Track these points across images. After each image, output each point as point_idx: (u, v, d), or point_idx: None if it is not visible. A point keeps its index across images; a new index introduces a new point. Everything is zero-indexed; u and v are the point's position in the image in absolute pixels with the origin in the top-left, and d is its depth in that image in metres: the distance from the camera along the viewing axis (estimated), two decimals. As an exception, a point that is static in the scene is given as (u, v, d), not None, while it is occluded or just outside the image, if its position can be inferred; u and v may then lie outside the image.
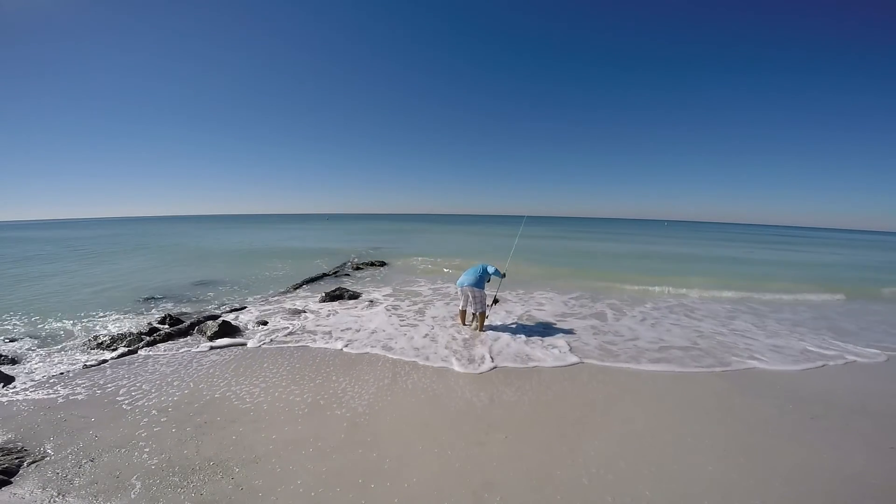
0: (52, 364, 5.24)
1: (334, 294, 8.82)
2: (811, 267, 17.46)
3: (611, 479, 2.96)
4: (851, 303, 9.69)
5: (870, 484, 2.98)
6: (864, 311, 8.89)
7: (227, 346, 5.81)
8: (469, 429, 3.64)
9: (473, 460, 3.17)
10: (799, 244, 34.07)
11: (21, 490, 2.80)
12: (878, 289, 11.43)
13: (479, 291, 6.40)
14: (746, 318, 8.01)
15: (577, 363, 5.30)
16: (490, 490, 2.82)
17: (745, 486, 2.91)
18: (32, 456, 3.16)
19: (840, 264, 19.11)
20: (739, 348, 6.05)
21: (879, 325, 7.70)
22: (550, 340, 6.19)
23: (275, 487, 2.83)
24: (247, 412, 3.90)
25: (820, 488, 2.91)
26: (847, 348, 6.20)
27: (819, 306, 9.25)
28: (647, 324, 7.35)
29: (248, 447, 3.30)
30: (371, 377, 4.77)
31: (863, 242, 42.66)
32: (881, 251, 28.79)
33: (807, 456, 3.32)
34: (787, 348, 6.14)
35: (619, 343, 6.19)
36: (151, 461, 3.11)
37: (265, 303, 8.67)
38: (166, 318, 6.66)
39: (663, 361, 5.46)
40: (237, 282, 11.07)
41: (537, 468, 3.08)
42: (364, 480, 2.91)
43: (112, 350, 5.66)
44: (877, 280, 13.36)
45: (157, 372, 4.90)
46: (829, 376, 5.13)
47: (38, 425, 3.64)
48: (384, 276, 11.89)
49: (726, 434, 3.63)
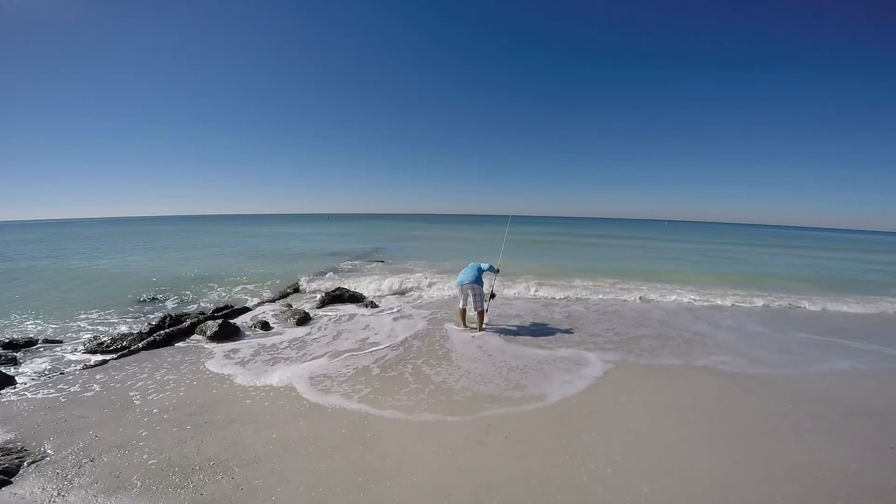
0: (53, 364, 5.24)
1: (335, 294, 8.82)
2: (814, 267, 17.45)
3: (610, 479, 2.96)
4: (852, 303, 9.68)
5: (870, 483, 2.98)
6: (863, 311, 8.89)
7: (226, 346, 5.82)
8: (469, 429, 3.64)
9: (473, 460, 3.17)
10: (807, 245, 34.05)
11: (21, 490, 2.80)
12: (886, 288, 11.44)
13: (479, 288, 6.56)
14: (747, 318, 8.01)
15: (577, 362, 5.30)
16: (490, 490, 2.82)
17: (744, 486, 2.91)
18: (32, 456, 3.16)
19: (842, 265, 19.10)
20: (738, 345, 6.06)
21: (879, 326, 7.70)
22: (550, 339, 6.20)
23: (275, 487, 2.83)
24: (247, 412, 3.90)
25: (820, 488, 2.91)
26: (846, 346, 6.21)
27: (820, 306, 9.25)
28: (647, 324, 7.35)
29: (248, 447, 3.30)
30: (371, 377, 4.78)
31: (862, 243, 42.62)
32: (885, 253, 28.72)
33: (807, 456, 3.31)
34: (786, 347, 6.15)
35: (619, 342, 6.20)
36: (151, 461, 3.11)
37: (266, 303, 8.67)
38: (166, 318, 6.66)
39: (662, 360, 5.46)
40: (238, 282, 11.07)
41: (537, 468, 3.08)
42: (364, 480, 2.91)
43: (112, 350, 5.66)
44: (882, 282, 13.36)
45: (158, 372, 4.90)
46: (829, 376, 5.12)
47: (38, 425, 3.64)
48: (384, 276, 11.88)
49: (726, 434, 3.63)
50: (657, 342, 6.28)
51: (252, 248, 21.79)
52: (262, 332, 6.55)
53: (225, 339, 6.11)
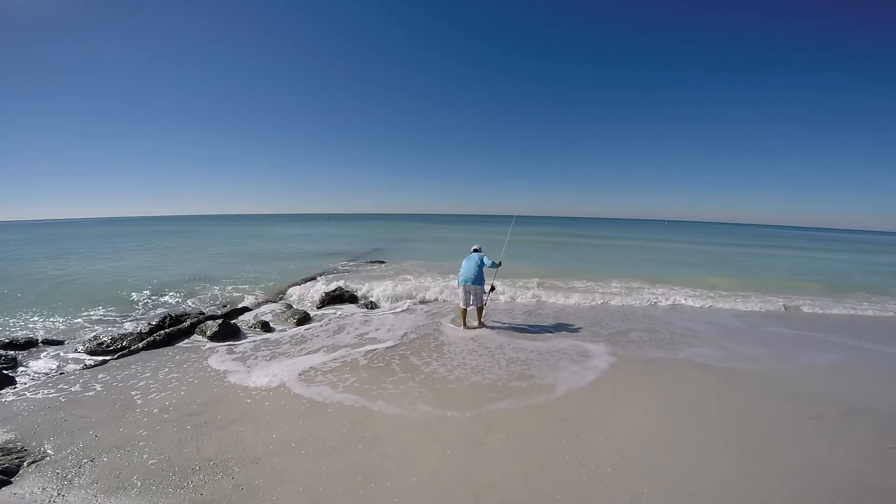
0: (53, 364, 5.25)
1: (334, 294, 8.83)
2: (818, 269, 17.45)
3: (610, 479, 2.96)
4: (853, 303, 9.68)
5: (870, 483, 2.97)
6: (864, 312, 8.89)
7: (227, 346, 5.82)
8: (469, 429, 3.64)
9: (473, 460, 3.17)
10: (810, 247, 34.05)
11: (21, 490, 2.80)
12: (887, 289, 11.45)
13: (480, 288, 6.73)
14: (744, 317, 8.01)
15: (577, 362, 5.29)
16: (490, 490, 2.82)
17: (744, 486, 2.91)
18: (32, 456, 3.16)
19: (845, 266, 19.10)
20: (738, 345, 6.06)
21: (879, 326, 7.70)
22: (549, 337, 6.20)
23: (275, 487, 2.83)
24: (247, 412, 3.90)
25: (819, 488, 2.91)
26: (847, 345, 6.21)
27: (822, 306, 9.25)
28: (647, 323, 7.35)
29: (248, 447, 3.30)
30: (372, 377, 4.78)
31: (863, 243, 42.60)
32: (887, 254, 28.70)
33: (806, 455, 3.31)
34: (785, 347, 6.15)
35: (619, 342, 6.20)
36: (151, 461, 3.11)
37: (266, 303, 8.67)
38: (166, 318, 6.66)
39: (661, 358, 5.46)
40: (238, 282, 11.07)
41: (537, 468, 3.08)
42: (364, 480, 2.91)
43: (112, 350, 5.66)
44: (884, 283, 13.36)
45: (158, 372, 4.90)
46: (829, 376, 5.12)
47: (38, 425, 3.64)
48: (384, 276, 11.89)
49: (725, 433, 3.63)
50: (652, 337, 6.28)
51: (252, 248, 21.79)
52: (262, 332, 6.55)
53: (225, 339, 6.11)
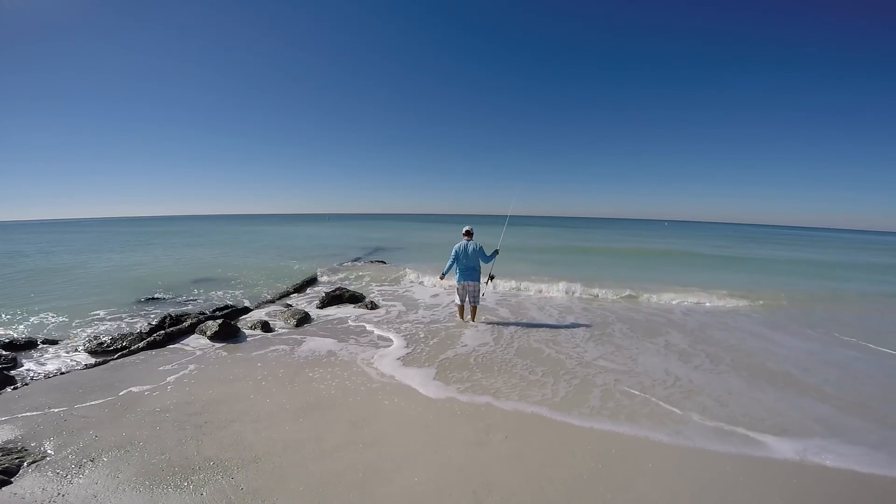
0: (53, 364, 5.25)
1: (335, 295, 8.82)
2: (822, 267, 17.46)
3: (610, 478, 2.95)
4: (851, 304, 9.68)
5: (869, 483, 2.98)
6: (862, 312, 8.89)
7: (227, 346, 5.82)
8: (469, 429, 3.64)
9: (473, 460, 3.17)
10: (816, 246, 34.04)
11: (21, 490, 2.79)
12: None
13: (477, 284, 6.81)
14: (749, 317, 8.01)
15: (576, 362, 5.30)
16: (490, 490, 2.82)
17: (744, 486, 2.91)
18: (32, 456, 3.16)
19: (847, 266, 19.10)
20: (753, 347, 6.06)
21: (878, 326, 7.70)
22: (549, 337, 6.19)
23: (275, 487, 2.82)
24: (247, 412, 3.90)
25: (819, 488, 2.91)
26: (843, 341, 6.21)
27: (823, 307, 9.24)
28: (646, 322, 7.35)
29: (248, 447, 3.30)
30: (371, 376, 4.78)
31: (864, 243, 42.59)
32: (886, 255, 28.70)
33: (806, 455, 3.31)
34: (788, 346, 6.15)
35: (620, 341, 6.19)
36: (151, 461, 3.11)
37: (266, 303, 8.67)
38: (167, 318, 6.66)
39: (660, 356, 5.46)
40: (238, 282, 11.08)
41: (537, 468, 3.08)
42: (364, 480, 2.91)
43: (112, 350, 5.66)
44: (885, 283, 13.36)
45: (158, 372, 4.89)
46: (831, 375, 5.12)
47: (39, 425, 3.63)
48: (384, 275, 11.89)
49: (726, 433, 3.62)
50: (656, 342, 6.28)
51: (252, 248, 21.80)
52: (262, 333, 6.54)
53: (225, 339, 6.11)
